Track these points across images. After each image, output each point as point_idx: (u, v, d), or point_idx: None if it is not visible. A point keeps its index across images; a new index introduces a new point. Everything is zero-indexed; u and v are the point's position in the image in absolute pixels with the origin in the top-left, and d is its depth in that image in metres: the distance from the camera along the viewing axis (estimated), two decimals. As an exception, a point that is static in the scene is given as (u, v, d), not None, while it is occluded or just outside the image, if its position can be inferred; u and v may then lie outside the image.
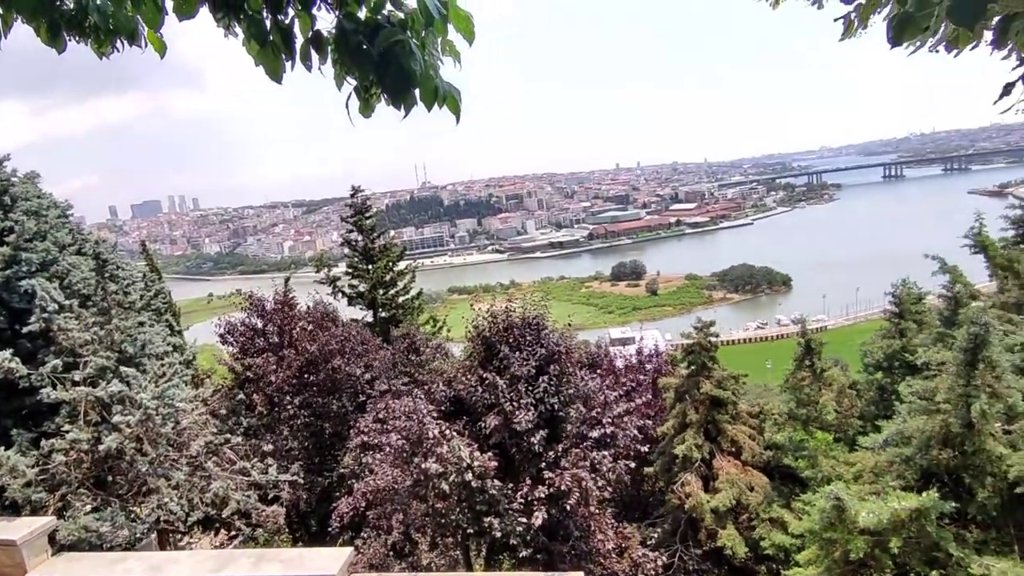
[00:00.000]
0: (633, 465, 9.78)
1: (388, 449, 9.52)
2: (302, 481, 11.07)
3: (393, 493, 9.62)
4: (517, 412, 9.07)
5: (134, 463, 7.63)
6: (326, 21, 1.98)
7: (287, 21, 1.99)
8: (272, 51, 1.99)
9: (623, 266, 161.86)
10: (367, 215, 21.13)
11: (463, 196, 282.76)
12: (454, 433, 9.09)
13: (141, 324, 10.39)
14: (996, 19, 2.16)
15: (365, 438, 10.92)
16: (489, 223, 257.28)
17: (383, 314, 20.88)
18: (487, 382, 9.58)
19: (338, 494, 11.86)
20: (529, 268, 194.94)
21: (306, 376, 13.33)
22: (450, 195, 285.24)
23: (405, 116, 2.03)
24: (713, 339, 10.65)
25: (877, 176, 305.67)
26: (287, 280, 17.46)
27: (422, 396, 10.10)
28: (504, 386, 9.41)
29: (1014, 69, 2.36)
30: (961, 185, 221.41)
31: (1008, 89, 2.40)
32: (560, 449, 9.38)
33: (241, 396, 12.94)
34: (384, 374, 13.97)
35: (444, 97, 2.03)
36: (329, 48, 1.99)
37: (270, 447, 10.72)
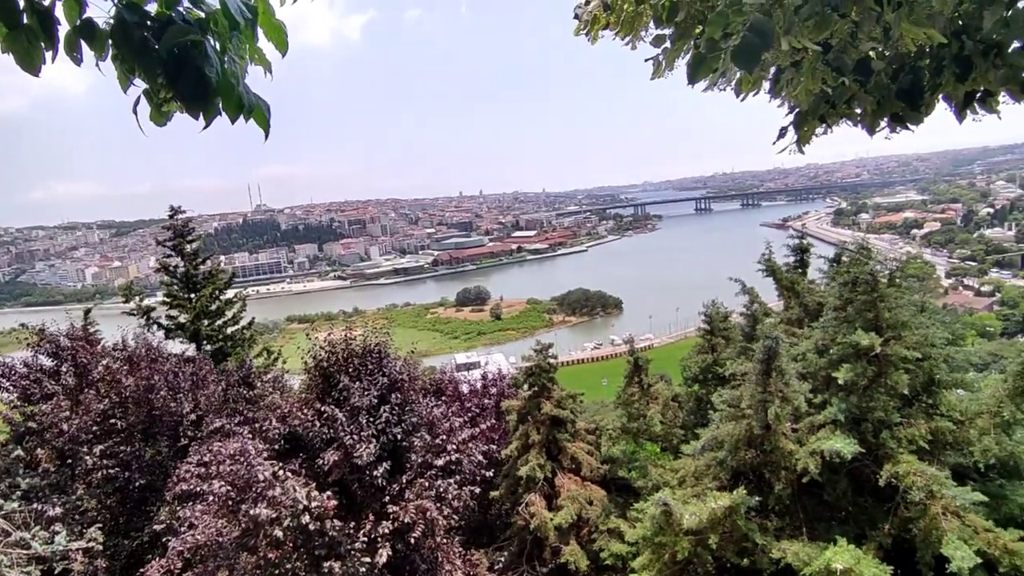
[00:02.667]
0: (478, 491, 9.76)
1: (211, 498, 8.51)
2: (102, 547, 9.47)
3: (217, 548, 8.59)
4: (358, 445, 8.64)
5: None
6: (103, 9, 1.70)
7: (46, 2, 1.67)
8: (26, 36, 1.66)
9: (468, 292, 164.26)
10: (189, 238, 19.11)
11: (302, 220, 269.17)
12: (289, 473, 8.39)
13: None
14: (772, 69, 2.53)
15: (185, 486, 9.68)
16: (331, 249, 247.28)
17: (209, 347, 18.89)
18: (325, 415, 9.03)
19: (150, 556, 10.33)
20: (373, 295, 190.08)
21: (112, 421, 11.54)
22: (288, 219, 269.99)
23: (205, 127, 1.81)
24: (552, 361, 11.09)
25: (690, 209, 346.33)
26: (88, 312, 15.16)
27: (251, 435, 9.24)
28: (344, 418, 8.93)
29: (787, 115, 2.77)
30: (756, 218, 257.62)
31: (783, 132, 2.80)
32: (404, 480, 9.08)
33: (19, 452, 10.83)
34: (213, 412, 12.57)
35: (251, 109, 1.84)
36: (109, 42, 1.72)
37: (58, 510, 9.08)
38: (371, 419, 9.15)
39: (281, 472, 8.26)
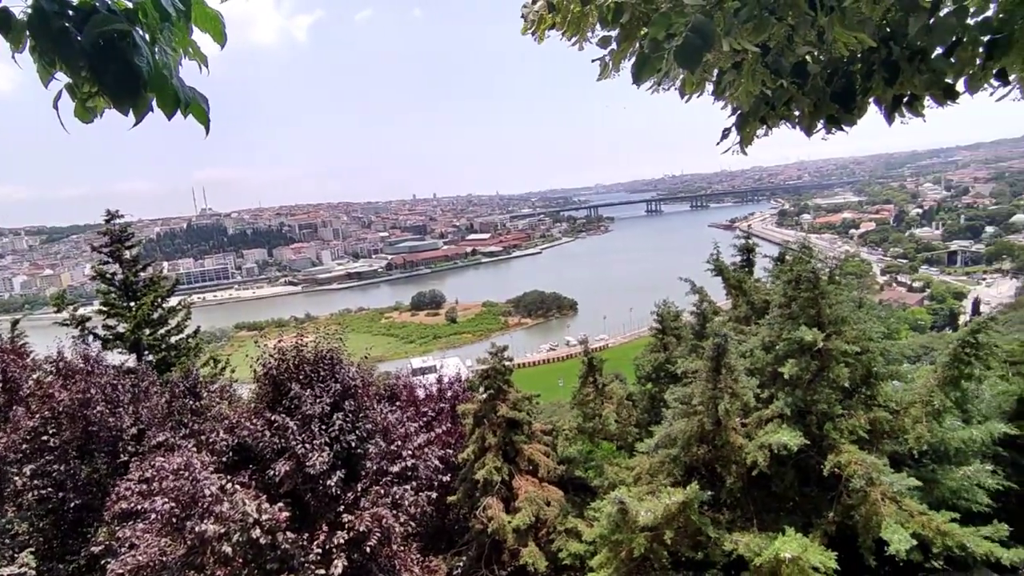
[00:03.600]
0: (435, 496, 9.67)
1: (154, 516, 8.13)
2: (35, 572, 8.96)
3: (161, 568, 8.21)
4: (311, 454, 8.42)
5: None
6: (19, -3, 1.58)
7: (-48, -10, 1.53)
8: (-69, 27, 1.53)
9: (423, 295, 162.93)
10: (128, 243, 18.28)
11: (251, 225, 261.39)
12: (237, 486, 8.10)
13: None
14: (716, 72, 2.61)
15: (125, 505, 9.23)
16: (281, 253, 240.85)
17: (151, 357, 18.12)
18: (276, 424, 8.77)
19: (88, 580, 9.81)
20: (326, 300, 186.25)
21: (44, 438, 10.90)
22: (236, 223, 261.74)
23: (136, 123, 1.71)
24: (507, 363, 11.09)
25: (642, 210, 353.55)
26: (15, 323, 14.32)
27: (196, 448, 8.89)
28: (296, 427, 8.69)
29: (729, 117, 2.86)
30: (704, 219, 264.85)
31: (726, 133, 2.89)
32: (359, 488, 8.91)
33: (-63, 476, 10.12)
34: (155, 425, 12.03)
35: (187, 104, 1.75)
36: (27, 32, 1.60)
37: (-15, 535, 8.50)
38: (324, 427, 8.94)
39: (229, 485, 7.97)
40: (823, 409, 7.52)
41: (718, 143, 2.90)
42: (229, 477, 8.25)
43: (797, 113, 2.79)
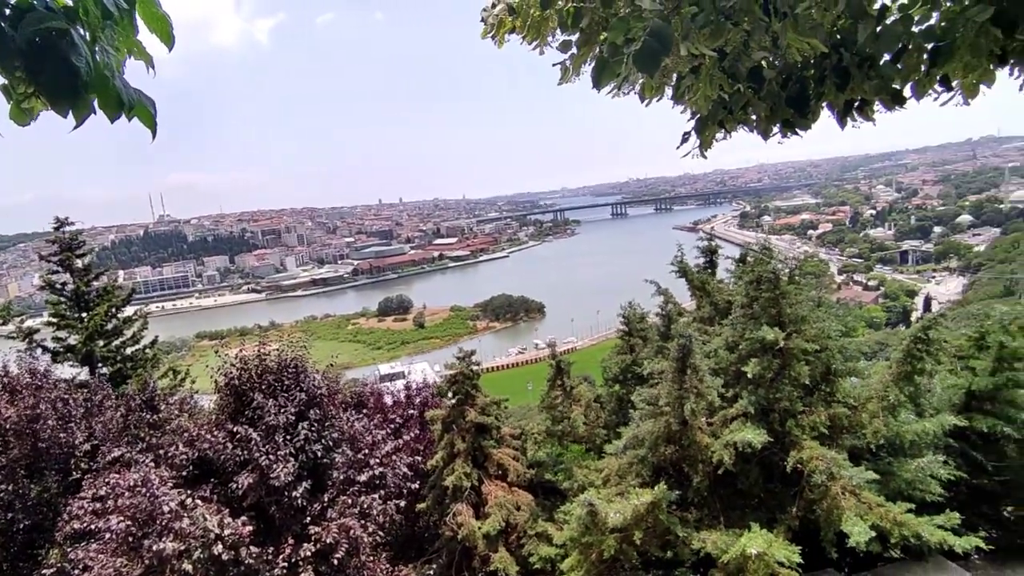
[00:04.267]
0: (404, 504, 9.55)
1: (108, 535, 7.82)
2: (-20, 597, 8.51)
3: (118, 588, 7.91)
4: (275, 465, 8.23)
5: None
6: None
7: None
8: None
9: (390, 301, 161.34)
10: (79, 252, 17.61)
11: (211, 231, 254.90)
12: (199, 501, 7.86)
13: None
14: (675, 76, 2.64)
15: (78, 524, 8.85)
16: (244, 260, 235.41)
17: (105, 370, 17.45)
18: (238, 436, 8.55)
19: (40, 604, 9.34)
20: (291, 307, 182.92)
21: (-10, 458, 10.39)
22: (196, 230, 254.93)
23: (77, 126, 1.63)
24: (475, 367, 11.04)
25: (607, 214, 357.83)
26: (-43, 337, 13.63)
27: (154, 463, 8.60)
28: (259, 438, 8.49)
29: (688, 120, 2.90)
30: (669, 221, 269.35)
31: (685, 137, 2.94)
32: (326, 499, 8.74)
33: None
34: (110, 440, 11.57)
35: (131, 106, 1.68)
36: (-45, 31, 1.50)
37: (-75, 561, 8.04)
38: (288, 437, 8.76)
39: (190, 500, 7.73)
40: (785, 406, 7.69)
41: (678, 147, 2.95)
42: (189, 492, 8.00)
43: (754, 117, 2.85)
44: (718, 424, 8.00)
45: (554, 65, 2.80)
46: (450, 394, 11.02)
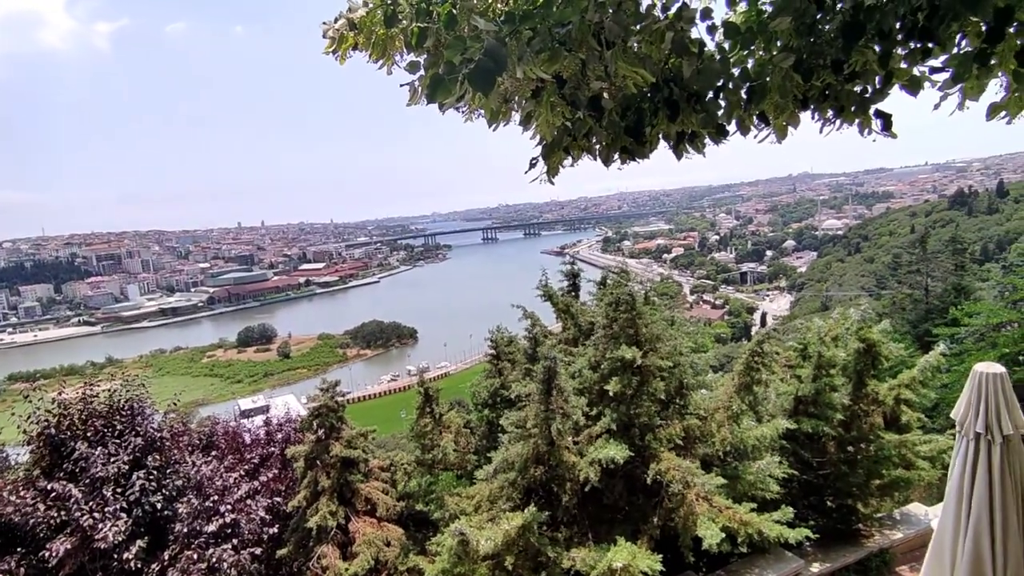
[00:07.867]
0: (261, 552, 8.76)
1: None
2: None
3: None
4: (100, 524, 7.19)
5: None
6: None
7: None
8: None
9: (251, 330, 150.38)
10: None
11: (31, 256, 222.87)
12: (-3, 577, 6.64)
13: None
14: (520, 102, 2.69)
15: None
16: (74, 289, 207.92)
17: None
18: (53, 494, 7.39)
19: None
20: (134, 340, 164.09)
21: None
22: (9, 255, 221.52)
23: None
24: (340, 399, 10.49)
25: (478, 238, 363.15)
26: None
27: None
28: (80, 495, 7.39)
29: (536, 146, 2.96)
30: (537, 246, 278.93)
31: (533, 163, 2.99)
32: (167, 557, 7.78)
33: None
34: None
35: None
36: None
37: None
38: (120, 490, 7.72)
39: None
40: (644, 421, 8.08)
41: (526, 172, 2.98)
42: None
43: (597, 145, 2.97)
44: (584, 442, 8.21)
45: (402, 86, 2.72)
46: (314, 427, 10.35)
